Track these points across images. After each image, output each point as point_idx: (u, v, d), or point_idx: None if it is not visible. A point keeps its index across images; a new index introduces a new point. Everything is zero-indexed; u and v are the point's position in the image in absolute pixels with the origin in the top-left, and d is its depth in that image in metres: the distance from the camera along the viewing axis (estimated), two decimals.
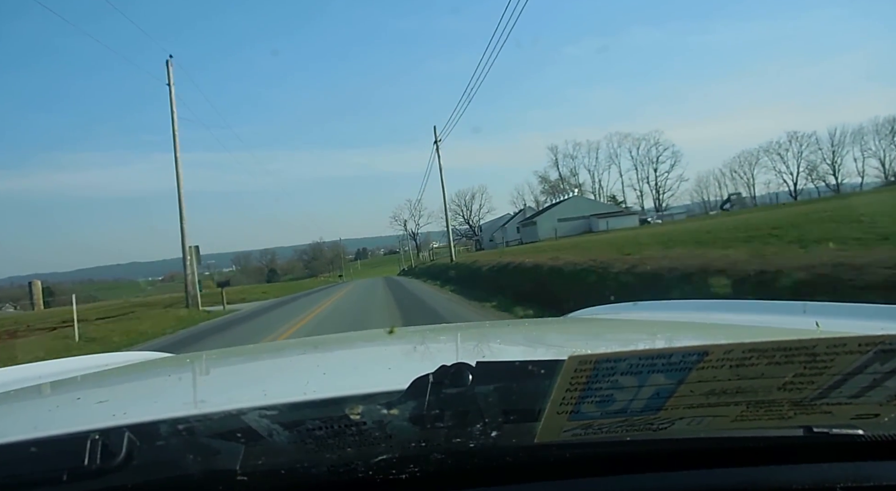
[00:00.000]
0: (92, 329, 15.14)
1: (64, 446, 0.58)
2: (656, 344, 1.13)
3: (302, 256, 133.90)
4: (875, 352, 0.47)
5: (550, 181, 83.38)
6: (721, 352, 0.47)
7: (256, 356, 1.54)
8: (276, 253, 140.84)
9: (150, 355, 1.82)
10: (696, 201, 78.82)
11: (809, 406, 0.53)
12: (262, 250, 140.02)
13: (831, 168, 68.15)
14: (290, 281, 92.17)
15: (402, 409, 0.59)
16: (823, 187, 67.77)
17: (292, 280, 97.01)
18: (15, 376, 1.29)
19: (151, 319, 18.01)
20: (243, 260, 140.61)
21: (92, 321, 18.23)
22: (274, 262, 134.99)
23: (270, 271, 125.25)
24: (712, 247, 8.78)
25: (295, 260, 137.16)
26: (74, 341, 12.84)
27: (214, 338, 11.83)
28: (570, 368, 0.47)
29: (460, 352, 1.25)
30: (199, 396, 0.75)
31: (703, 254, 7.75)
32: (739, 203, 63.35)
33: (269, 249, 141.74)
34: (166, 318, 18.00)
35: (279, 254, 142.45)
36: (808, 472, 0.63)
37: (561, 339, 1.40)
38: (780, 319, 1.23)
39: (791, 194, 68.05)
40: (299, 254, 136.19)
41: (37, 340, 13.67)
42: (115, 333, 14.46)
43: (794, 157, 69.80)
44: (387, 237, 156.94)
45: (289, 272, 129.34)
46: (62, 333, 14.56)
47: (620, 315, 1.80)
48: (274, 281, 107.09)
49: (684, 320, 1.48)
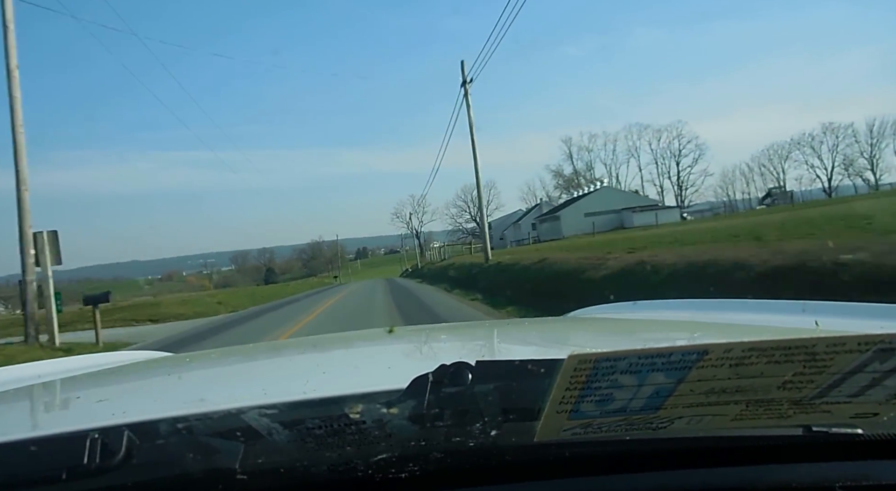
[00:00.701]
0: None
1: (63, 445, 0.58)
2: (656, 343, 1.13)
3: (301, 255, 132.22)
4: (874, 351, 0.47)
5: (565, 176, 76.53)
6: (720, 351, 0.47)
7: (256, 355, 1.54)
8: (275, 252, 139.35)
9: (150, 354, 1.82)
10: (720, 198, 73.12)
11: (809, 405, 0.54)
12: (261, 249, 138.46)
13: (869, 163, 61.64)
14: (288, 281, 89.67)
15: (402, 408, 0.59)
16: (861, 184, 62.12)
17: (291, 280, 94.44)
18: (15, 375, 1.29)
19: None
20: (241, 259, 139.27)
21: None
22: (272, 261, 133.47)
23: (268, 271, 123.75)
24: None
25: (293, 259, 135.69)
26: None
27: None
28: (570, 367, 0.47)
29: (460, 351, 1.25)
30: (199, 395, 0.75)
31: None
32: (782, 198, 54.60)
33: (267, 248, 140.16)
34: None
35: (278, 253, 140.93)
36: (807, 471, 0.63)
37: (560, 338, 1.40)
38: (779, 318, 1.23)
39: (825, 191, 61.36)
40: (298, 253, 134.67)
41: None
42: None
43: (829, 151, 62.89)
44: (387, 237, 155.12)
45: (287, 271, 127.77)
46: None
47: (620, 314, 1.80)
48: (272, 281, 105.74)
49: (684, 319, 1.48)
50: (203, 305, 24.33)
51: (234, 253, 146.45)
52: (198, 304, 24.37)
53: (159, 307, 22.50)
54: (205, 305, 24.02)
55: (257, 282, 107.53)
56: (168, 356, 1.74)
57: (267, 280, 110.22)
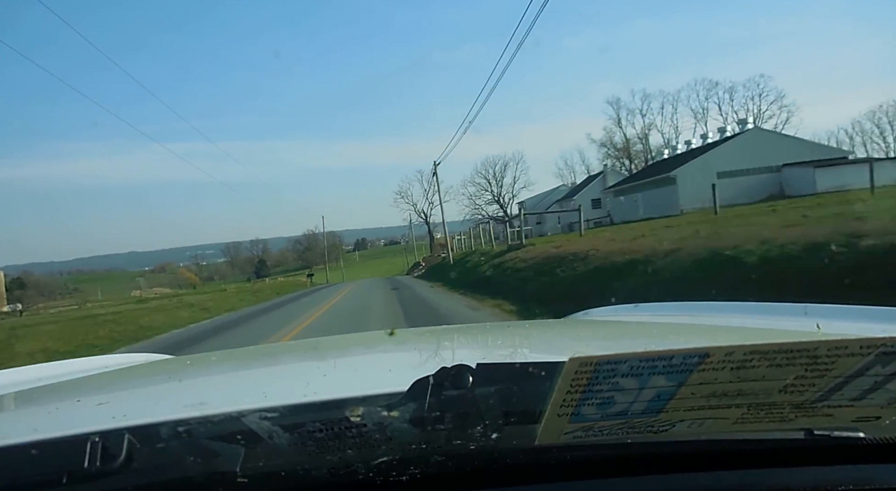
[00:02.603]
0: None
1: (64, 449, 0.58)
2: (657, 346, 1.13)
3: (296, 245, 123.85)
4: (876, 354, 0.47)
5: (616, 145, 56.89)
6: (722, 354, 0.47)
7: (257, 358, 1.54)
8: (269, 243, 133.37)
9: (151, 357, 1.82)
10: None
11: (810, 409, 0.53)
12: (253, 240, 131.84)
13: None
14: (279, 275, 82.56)
15: (403, 411, 0.59)
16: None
17: (284, 273, 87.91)
18: (15, 378, 1.29)
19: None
20: (233, 250, 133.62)
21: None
22: (267, 252, 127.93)
23: (259, 263, 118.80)
24: None
25: (288, 250, 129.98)
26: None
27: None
28: (571, 369, 0.47)
29: (460, 354, 1.25)
30: (200, 398, 0.75)
31: None
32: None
33: (260, 238, 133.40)
34: None
35: (273, 244, 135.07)
36: (809, 474, 0.63)
37: (561, 340, 1.40)
38: (781, 322, 1.23)
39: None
40: (293, 244, 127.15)
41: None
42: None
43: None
44: (387, 228, 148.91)
45: (281, 263, 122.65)
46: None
47: (621, 317, 1.80)
48: (264, 274, 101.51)
49: (685, 322, 1.48)
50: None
51: (227, 244, 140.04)
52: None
53: None
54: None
55: (248, 276, 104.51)
56: (168, 359, 1.74)
57: (258, 273, 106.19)
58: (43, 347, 13.09)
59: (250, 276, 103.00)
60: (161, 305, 24.45)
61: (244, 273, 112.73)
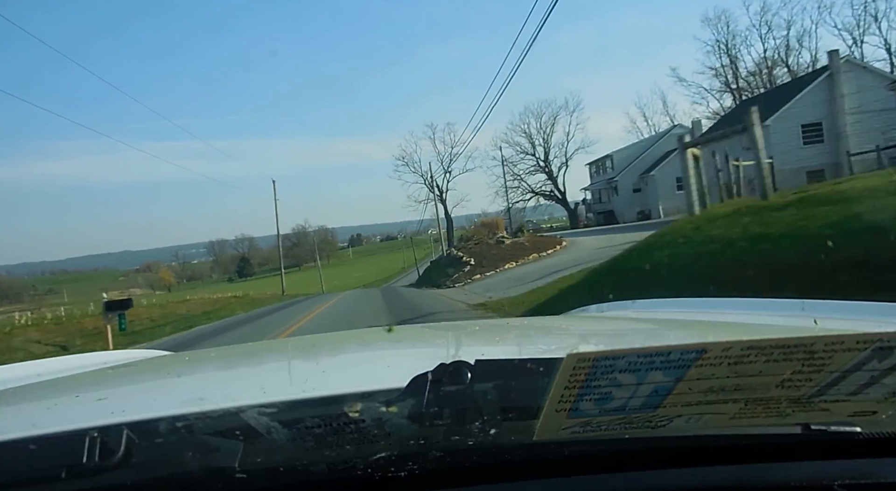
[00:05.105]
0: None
1: (63, 444, 0.58)
2: (655, 342, 1.13)
3: (284, 242, 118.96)
4: (873, 349, 0.47)
5: (741, 74, 37.13)
6: (719, 349, 0.47)
7: (255, 354, 1.54)
8: (259, 240, 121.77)
9: (150, 353, 1.82)
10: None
11: (807, 403, 0.54)
12: (238, 238, 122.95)
13: None
14: (263, 275, 75.68)
15: (401, 407, 0.59)
16: None
17: (270, 273, 79.74)
18: (14, 374, 1.29)
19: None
20: (218, 248, 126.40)
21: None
22: (254, 249, 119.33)
23: (242, 261, 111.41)
24: None
25: (276, 248, 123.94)
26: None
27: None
28: (569, 365, 0.47)
29: (459, 350, 1.25)
30: (198, 394, 0.75)
31: None
32: None
33: (245, 235, 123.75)
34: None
35: (260, 241, 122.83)
36: (805, 469, 0.63)
37: (559, 337, 1.40)
38: (778, 317, 1.24)
39: None
40: (282, 241, 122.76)
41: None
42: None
43: None
44: (382, 225, 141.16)
45: (269, 261, 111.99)
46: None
47: (619, 313, 1.80)
48: (248, 273, 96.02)
49: (683, 318, 1.48)
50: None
51: (210, 242, 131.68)
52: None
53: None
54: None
55: (230, 276, 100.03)
56: (167, 355, 1.74)
57: (241, 273, 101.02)
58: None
59: (232, 276, 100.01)
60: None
61: (228, 272, 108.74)
